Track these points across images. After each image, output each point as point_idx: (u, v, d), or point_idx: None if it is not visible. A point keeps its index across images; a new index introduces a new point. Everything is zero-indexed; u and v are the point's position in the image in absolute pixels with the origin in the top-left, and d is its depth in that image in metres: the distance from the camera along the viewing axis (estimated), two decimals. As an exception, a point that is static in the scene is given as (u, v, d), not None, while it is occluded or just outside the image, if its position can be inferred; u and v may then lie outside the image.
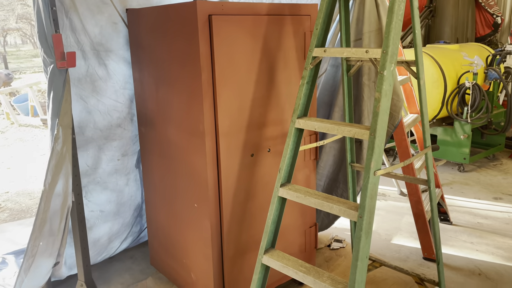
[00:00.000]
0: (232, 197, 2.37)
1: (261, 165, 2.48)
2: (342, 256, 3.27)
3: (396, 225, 3.81)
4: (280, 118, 2.52)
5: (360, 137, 1.85)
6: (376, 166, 1.80)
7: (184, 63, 2.26)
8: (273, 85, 2.44)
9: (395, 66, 1.82)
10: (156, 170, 2.77)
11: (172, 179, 2.61)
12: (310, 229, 2.87)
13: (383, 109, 1.79)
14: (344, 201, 1.91)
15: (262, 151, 2.47)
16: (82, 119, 2.66)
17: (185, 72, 2.27)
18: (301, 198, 2.01)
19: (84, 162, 2.74)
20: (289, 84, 2.52)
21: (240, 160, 2.37)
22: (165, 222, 2.80)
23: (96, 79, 2.65)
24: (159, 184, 2.78)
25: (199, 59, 2.14)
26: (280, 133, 2.54)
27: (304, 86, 2.09)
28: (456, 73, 4.87)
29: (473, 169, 5.17)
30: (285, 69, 2.48)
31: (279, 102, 2.49)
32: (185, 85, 2.29)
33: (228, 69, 2.22)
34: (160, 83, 2.50)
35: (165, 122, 2.55)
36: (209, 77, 2.18)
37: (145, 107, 2.73)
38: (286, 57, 2.47)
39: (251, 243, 2.53)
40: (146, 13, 2.51)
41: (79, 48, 2.55)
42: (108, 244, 3.10)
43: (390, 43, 1.80)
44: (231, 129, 2.30)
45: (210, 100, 2.21)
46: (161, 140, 2.63)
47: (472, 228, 3.69)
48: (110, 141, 2.83)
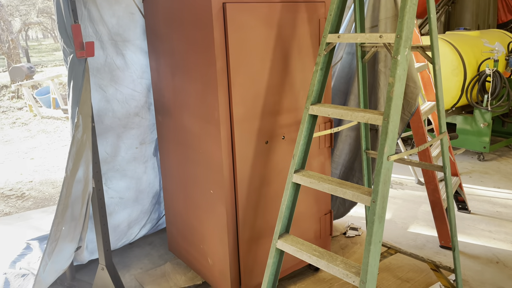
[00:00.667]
0: (247, 183, 2.41)
1: (276, 152, 2.50)
2: (358, 244, 3.28)
3: (412, 213, 3.79)
4: (295, 105, 2.53)
5: (374, 122, 1.85)
6: (389, 151, 1.80)
7: (199, 51, 2.29)
8: (288, 73, 2.45)
9: (409, 51, 1.81)
10: (173, 158, 2.83)
11: (188, 166, 2.66)
12: (325, 216, 2.89)
13: (397, 94, 1.79)
14: (358, 186, 1.92)
15: (276, 138, 2.49)
16: (101, 108, 2.72)
17: (200, 60, 2.30)
18: (314, 184, 2.03)
19: (104, 150, 2.82)
20: (304, 71, 2.53)
21: (255, 147, 2.40)
22: (183, 209, 2.86)
23: (114, 69, 2.71)
24: (176, 172, 2.84)
25: (213, 47, 2.16)
26: (295, 121, 2.55)
27: (318, 73, 2.10)
28: (476, 60, 4.77)
29: (493, 158, 5.08)
30: (300, 56, 2.49)
31: (293, 89, 2.50)
32: (200, 73, 2.32)
33: (242, 57, 2.24)
34: (176, 72, 2.54)
35: (181, 110, 2.59)
36: (223, 65, 2.20)
37: (161, 95, 2.78)
38: (300, 44, 2.47)
39: (266, 229, 2.57)
40: (162, 3, 2.55)
41: (97, 38, 2.61)
42: (127, 230, 3.18)
43: (404, 27, 1.79)
44: (246, 116, 2.32)
45: (225, 88, 2.24)
46: (177, 128, 2.68)
47: (490, 217, 3.65)
48: (129, 130, 2.89)
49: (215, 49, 2.16)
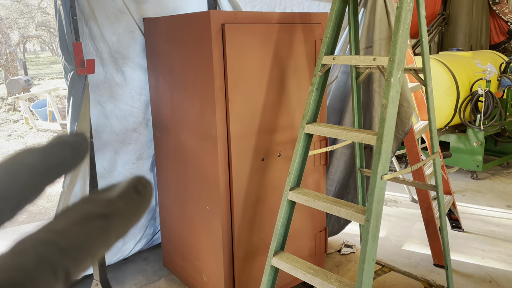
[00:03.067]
0: (243, 200, 2.44)
1: (272, 169, 2.54)
2: (352, 261, 3.30)
3: (407, 231, 3.81)
4: (291, 123, 2.58)
5: (368, 142, 1.90)
6: (383, 170, 1.84)
7: (198, 70, 2.34)
8: (284, 92, 2.50)
9: (402, 73, 1.87)
10: (170, 174, 2.85)
11: (185, 182, 2.69)
12: (320, 233, 2.91)
13: (390, 115, 1.84)
14: (352, 204, 1.96)
15: (272, 156, 2.53)
16: (99, 124, 2.76)
17: (198, 78, 2.35)
18: (309, 202, 2.06)
19: (101, 165, 2.84)
20: (300, 91, 2.58)
21: (251, 164, 2.43)
22: (178, 225, 2.87)
23: (114, 85, 2.75)
24: (172, 187, 2.86)
25: (212, 66, 2.21)
26: (291, 139, 2.60)
27: (314, 93, 2.15)
28: (469, 81, 4.86)
29: (487, 176, 5.14)
30: (296, 76, 2.54)
31: (289, 108, 2.55)
32: (198, 91, 2.37)
33: (240, 75, 2.29)
34: (175, 89, 2.59)
35: (179, 127, 2.63)
36: (221, 84, 2.25)
37: (160, 112, 2.82)
38: (296, 65, 2.53)
39: (261, 246, 2.59)
40: (162, 22, 2.61)
41: (97, 56, 2.66)
42: (122, 246, 3.18)
43: (397, 51, 1.85)
44: (243, 133, 2.36)
45: (223, 105, 2.28)
46: (175, 144, 2.71)
47: (484, 236, 3.68)
48: (126, 145, 2.92)
49: (214, 68, 2.21)
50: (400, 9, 1.86)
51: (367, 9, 3.14)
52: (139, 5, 2.74)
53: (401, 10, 1.86)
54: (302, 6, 3.29)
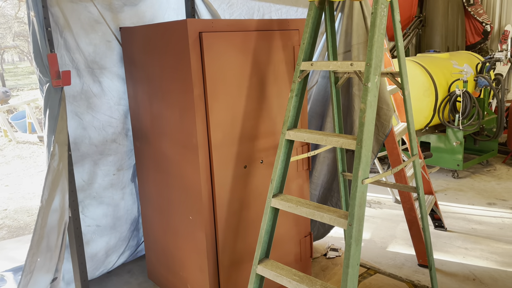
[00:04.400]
0: (226, 208, 2.42)
1: (254, 176, 2.53)
2: (338, 265, 3.30)
3: (391, 232, 3.84)
4: (272, 130, 2.57)
5: (347, 147, 1.90)
6: (363, 174, 1.85)
7: (177, 79, 2.32)
8: (264, 98, 2.50)
9: (379, 78, 1.88)
10: (152, 184, 2.81)
11: (167, 192, 2.65)
12: (305, 238, 2.90)
13: (369, 120, 1.85)
14: (334, 210, 1.96)
15: (255, 163, 2.52)
16: (77, 135, 2.71)
17: (177, 87, 2.33)
18: (292, 208, 2.05)
19: (80, 177, 2.79)
20: (280, 97, 2.58)
21: (233, 172, 2.42)
22: (162, 235, 2.83)
23: (91, 96, 2.71)
24: (154, 198, 2.82)
25: (190, 75, 2.20)
26: (272, 145, 2.59)
27: (293, 99, 2.15)
28: (446, 81, 4.95)
29: (467, 175, 5.23)
30: (275, 82, 2.54)
31: (270, 114, 2.55)
32: (178, 100, 2.35)
33: (219, 83, 2.28)
34: (154, 99, 2.56)
35: (159, 136, 2.60)
36: (201, 92, 2.24)
37: (139, 122, 2.78)
38: (276, 71, 2.53)
39: (246, 254, 2.57)
40: (139, 31, 2.58)
41: (73, 67, 2.62)
42: (105, 259, 3.12)
43: (373, 56, 1.86)
44: (224, 141, 2.35)
45: (203, 114, 2.26)
46: (155, 154, 2.68)
47: (466, 234, 3.73)
48: (106, 156, 2.87)
49: (192, 76, 2.20)
50: (375, 15, 1.88)
51: (345, 14, 3.17)
52: (115, 15, 2.71)
53: (376, 15, 1.88)
54: (280, 12, 3.30)
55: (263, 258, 2.16)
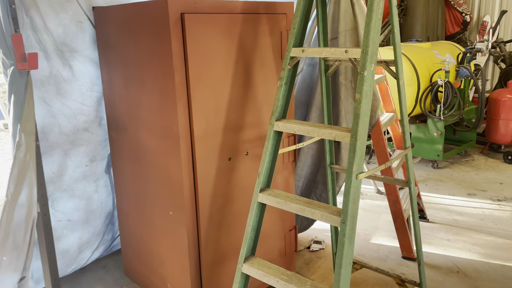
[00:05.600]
0: (209, 203, 2.28)
1: (239, 169, 2.39)
2: (322, 258, 3.23)
3: (374, 224, 3.80)
4: (258, 120, 2.43)
5: (341, 139, 1.79)
6: (358, 169, 1.74)
7: (156, 63, 2.14)
8: (250, 86, 2.35)
9: (375, 66, 1.77)
10: (128, 176, 2.64)
11: (145, 185, 2.49)
12: (290, 232, 2.80)
13: (364, 111, 1.74)
14: (326, 206, 1.85)
15: (240, 155, 2.38)
16: (46, 124, 2.49)
17: (157, 73, 2.15)
18: (281, 204, 1.93)
19: (49, 169, 2.58)
20: (266, 85, 2.44)
21: (217, 165, 2.27)
22: (139, 231, 2.67)
23: (61, 81, 2.49)
24: (131, 191, 2.65)
25: (171, 59, 2.02)
26: (258, 136, 2.45)
27: (283, 88, 2.01)
28: (428, 71, 4.91)
29: (447, 165, 5.25)
30: (262, 69, 2.40)
31: (256, 103, 2.40)
32: (157, 87, 2.17)
33: (203, 69, 2.12)
34: (131, 85, 2.37)
35: (137, 126, 2.42)
36: (182, 78, 2.07)
37: (115, 110, 2.59)
38: (262, 57, 2.38)
39: (230, 250, 2.44)
40: (114, 11, 2.37)
41: (41, 49, 2.39)
42: (78, 255, 2.94)
43: (370, 42, 1.74)
44: (207, 132, 2.20)
45: (184, 101, 2.10)
46: (133, 144, 2.50)
47: (448, 225, 3.72)
48: (77, 146, 2.67)
49: (173, 60, 2.02)
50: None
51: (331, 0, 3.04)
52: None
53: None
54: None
55: (249, 256, 2.04)
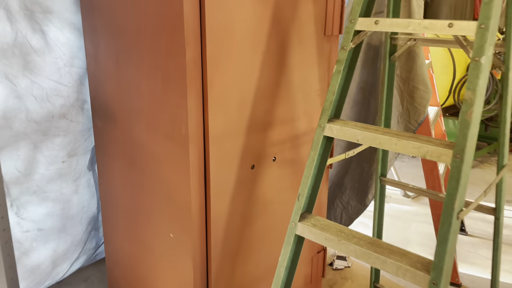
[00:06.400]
0: (224, 224, 1.70)
1: (264, 179, 1.81)
2: (349, 280, 2.69)
3: (404, 234, 3.26)
4: (291, 114, 1.84)
5: (438, 159, 1.20)
6: (460, 204, 1.17)
7: (159, 32, 1.51)
8: (284, 70, 1.74)
9: (493, 49, 1.17)
10: (117, 179, 2.04)
11: (139, 193, 1.89)
12: (318, 254, 2.24)
13: (476, 117, 1.15)
14: (401, 251, 1.28)
15: (265, 160, 1.79)
16: (8, 107, 1.87)
17: (160, 45, 1.53)
18: (333, 242, 1.36)
19: (13, 166, 1.97)
20: (304, 68, 1.83)
21: (237, 175, 1.69)
22: (129, 249, 2.09)
23: (29, 52, 1.86)
24: (121, 198, 2.05)
25: (182, 29, 1.40)
26: (289, 136, 1.86)
27: (340, 75, 1.41)
28: (465, 59, 4.32)
29: (476, 165, 4.71)
30: (300, 47, 1.78)
31: (290, 92, 1.80)
32: (160, 66, 1.56)
33: (224, 44, 1.50)
34: (124, 61, 1.75)
35: (130, 117, 1.81)
36: (196, 56, 1.45)
37: (102, 92, 1.97)
38: (301, 32, 1.77)
39: (246, 283, 1.88)
40: (102, -42, 1.73)
41: (2, 7, 1.75)
42: (52, 270, 2.36)
43: (492, 13, 1.14)
44: (227, 131, 1.60)
45: (198, 89, 1.49)
46: (124, 139, 1.89)
47: (490, 240, 3.20)
48: (51, 138, 2.06)
49: (185, 31, 1.40)
50: None
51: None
52: None
53: None
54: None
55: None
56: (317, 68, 1.88)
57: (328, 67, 1.94)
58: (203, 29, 1.44)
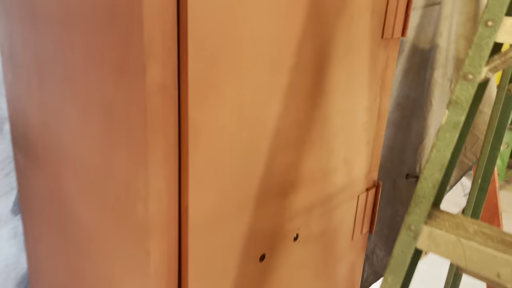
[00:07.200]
0: None
1: (279, 272, 1.11)
2: None
3: None
4: (325, 167, 1.14)
5: None
6: None
7: (100, 29, 0.79)
8: (320, 97, 1.04)
9: None
10: (45, 242, 1.32)
11: (74, 275, 1.18)
12: None
13: None
14: None
15: (283, 243, 1.09)
16: None
17: (100, 53, 0.80)
18: None
19: None
20: (350, 92, 1.13)
21: (237, 273, 0.99)
22: None
23: None
24: (54, 265, 1.34)
25: (141, 24, 0.68)
26: (320, 198, 1.17)
27: (458, 130, 0.71)
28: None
29: (502, 185, 4.10)
30: (347, 59, 1.07)
31: (327, 133, 1.10)
32: (100, 91, 0.83)
33: (222, 58, 0.78)
34: (48, 71, 1.02)
35: (59, 162, 1.08)
36: (168, 78, 0.74)
37: (22, 113, 1.23)
38: (351, 33, 1.06)
39: None
40: None
41: None
42: None
43: None
44: (221, 211, 0.89)
45: (170, 140, 0.78)
46: (51, 192, 1.17)
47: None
48: None
49: (145, 28, 0.68)
50: None
51: None
52: None
53: None
54: None
55: None
56: (367, 90, 1.18)
57: (382, 87, 1.24)
58: (183, 27, 0.72)
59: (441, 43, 1.83)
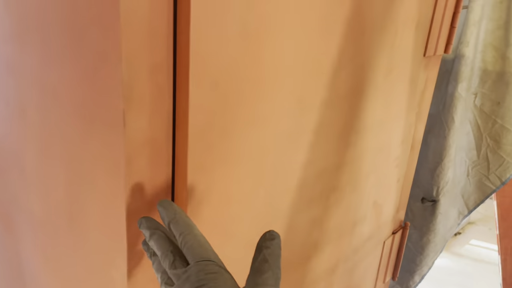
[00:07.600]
0: None
1: None
2: None
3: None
4: (353, 218, 0.91)
5: None
6: None
7: (65, 55, 0.54)
8: (353, 135, 0.81)
9: None
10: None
11: None
12: None
13: None
14: None
15: (300, 315, 0.87)
16: None
17: (65, 92, 0.56)
18: None
19: None
20: (385, 127, 0.90)
21: None
22: None
23: None
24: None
25: (119, 50, 0.44)
26: (346, 254, 0.94)
27: None
28: None
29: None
30: (386, 83, 0.84)
31: (358, 178, 0.87)
32: (65, 142, 0.59)
33: (236, 93, 0.55)
34: None
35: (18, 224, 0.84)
36: (155, 125, 0.50)
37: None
38: (394, 50, 0.83)
39: None
40: None
41: None
42: None
43: None
44: None
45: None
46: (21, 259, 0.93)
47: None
48: None
49: (123, 62, 0.44)
50: None
51: None
52: None
53: None
54: None
55: None
56: (404, 119, 0.96)
57: (419, 114, 1.02)
58: (183, 57, 0.48)
59: (467, 53, 1.61)
